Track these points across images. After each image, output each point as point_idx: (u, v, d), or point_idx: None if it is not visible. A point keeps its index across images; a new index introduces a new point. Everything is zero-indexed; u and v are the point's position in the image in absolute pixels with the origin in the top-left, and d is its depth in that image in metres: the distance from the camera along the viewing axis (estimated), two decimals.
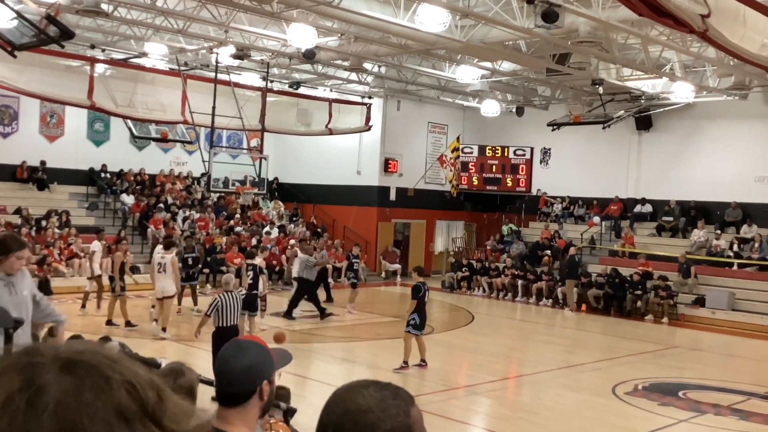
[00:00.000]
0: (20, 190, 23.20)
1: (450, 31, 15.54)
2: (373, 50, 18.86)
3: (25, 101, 22.82)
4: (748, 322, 19.28)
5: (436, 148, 27.94)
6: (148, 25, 17.50)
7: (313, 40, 16.74)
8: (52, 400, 0.85)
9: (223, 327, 9.70)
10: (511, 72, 20.92)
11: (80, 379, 0.87)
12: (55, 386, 0.86)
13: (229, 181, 20.58)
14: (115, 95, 19.33)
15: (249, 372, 2.45)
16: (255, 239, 24.35)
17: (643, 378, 12.72)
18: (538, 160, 27.83)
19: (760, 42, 10.18)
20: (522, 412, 10.54)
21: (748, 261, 20.98)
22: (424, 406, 7.40)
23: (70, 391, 0.86)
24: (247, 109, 20.45)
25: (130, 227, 23.48)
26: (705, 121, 23.41)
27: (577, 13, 13.82)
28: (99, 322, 14.89)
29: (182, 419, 0.94)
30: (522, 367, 14.17)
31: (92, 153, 25.08)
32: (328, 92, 25.26)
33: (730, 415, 10.60)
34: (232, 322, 9.83)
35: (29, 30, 11.89)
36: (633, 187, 25.35)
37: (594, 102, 23.76)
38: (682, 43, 15.81)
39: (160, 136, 22.47)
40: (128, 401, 0.88)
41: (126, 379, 0.90)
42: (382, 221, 26.90)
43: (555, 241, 24.58)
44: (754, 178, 22.43)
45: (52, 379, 0.86)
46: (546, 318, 20.51)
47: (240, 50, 18.71)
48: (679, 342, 17.44)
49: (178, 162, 27.39)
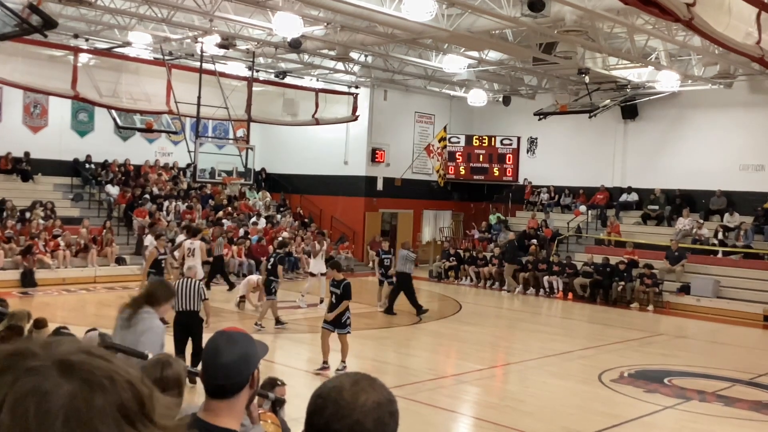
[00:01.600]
0: (4, 182, 22.99)
1: (436, 20, 15.50)
2: (360, 39, 18.79)
3: (7, 91, 22.59)
4: (732, 309, 19.45)
5: (423, 138, 27.93)
6: (131, 14, 17.35)
7: (299, 29, 16.63)
8: (61, 407, 0.83)
9: (180, 312, 10.21)
10: (498, 61, 20.92)
11: (85, 383, 0.86)
12: (61, 391, 0.84)
13: (215, 172, 20.48)
14: (99, 85, 19.14)
15: (242, 362, 2.45)
16: (242, 230, 24.31)
17: (629, 365, 12.82)
18: (525, 150, 27.90)
19: (744, 31, 10.21)
20: (509, 400, 10.59)
21: (732, 249, 21.15)
22: (412, 395, 7.46)
23: (78, 396, 0.84)
24: (232, 98, 20.32)
25: (115, 218, 23.35)
26: (690, 110, 23.54)
27: (563, 2, 13.81)
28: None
29: (168, 414, 0.93)
30: (509, 356, 14.24)
31: (77, 143, 24.88)
32: (315, 82, 25.16)
33: (716, 402, 10.70)
34: (189, 308, 10.26)
35: (11, 19, 11.76)
36: (619, 176, 25.47)
37: (580, 91, 23.81)
38: (667, 32, 15.86)
39: (145, 126, 22.30)
40: (131, 401, 0.88)
41: (126, 379, 0.89)
42: (369, 211, 26.89)
43: (542, 231, 24.68)
44: (738, 166, 22.60)
45: (55, 383, 0.84)
46: (532, 306, 20.61)
47: (225, 39, 18.57)
48: (664, 329, 17.57)
49: (163, 152, 27.23)
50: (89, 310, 16.55)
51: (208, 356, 2.48)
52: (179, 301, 10.15)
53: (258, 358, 2.52)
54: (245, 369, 2.45)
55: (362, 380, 1.59)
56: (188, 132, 23.16)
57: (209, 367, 2.46)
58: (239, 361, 2.44)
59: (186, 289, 10.28)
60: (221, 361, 2.42)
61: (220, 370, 2.42)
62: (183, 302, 10.21)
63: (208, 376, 2.46)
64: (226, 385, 2.43)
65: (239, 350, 2.46)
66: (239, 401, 2.47)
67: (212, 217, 24.68)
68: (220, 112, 20.16)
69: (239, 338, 2.52)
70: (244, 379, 2.45)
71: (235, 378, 2.43)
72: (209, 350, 2.49)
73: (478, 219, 27.95)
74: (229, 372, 2.42)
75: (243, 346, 2.48)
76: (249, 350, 2.49)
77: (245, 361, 2.45)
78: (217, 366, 2.43)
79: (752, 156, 22.39)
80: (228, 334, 2.57)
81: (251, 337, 2.57)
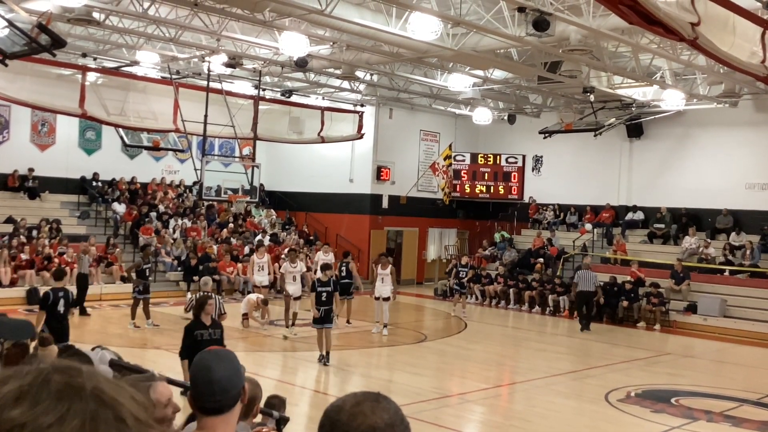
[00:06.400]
0: (11, 199, 23.10)
1: (442, 40, 15.59)
2: (365, 58, 18.89)
3: (16, 110, 22.75)
4: (739, 328, 19.33)
5: (428, 156, 27.97)
6: (139, 33, 17.49)
7: (305, 48, 16.75)
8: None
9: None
10: (503, 80, 20.99)
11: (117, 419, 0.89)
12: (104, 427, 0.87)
13: (221, 190, 20.55)
14: (106, 104, 19.29)
15: (234, 377, 2.50)
16: (247, 248, 24.33)
17: (636, 385, 12.74)
18: (530, 168, 27.90)
19: (749, 50, 10.25)
20: (515, 420, 10.53)
21: (739, 268, 21.06)
22: (417, 414, 7.45)
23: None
24: (239, 117, 20.44)
25: (121, 236, 23.40)
26: (695, 129, 23.54)
27: (568, 22, 13.88)
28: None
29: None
30: (515, 375, 14.17)
31: (84, 161, 25.00)
32: (320, 100, 25.28)
33: (723, 422, 10.61)
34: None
35: (21, 39, 11.87)
36: (624, 195, 25.43)
37: (585, 110, 23.85)
38: (672, 51, 15.90)
39: (151, 144, 22.44)
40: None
41: (140, 420, 0.93)
42: (374, 229, 26.89)
43: (547, 249, 24.63)
44: (744, 185, 22.54)
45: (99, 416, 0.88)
46: (538, 325, 20.53)
47: (232, 59, 18.70)
48: (671, 349, 17.47)
49: (169, 170, 27.33)
50: (94, 327, 16.55)
51: (200, 374, 2.50)
52: None
53: (243, 372, 2.59)
54: (238, 383, 2.51)
55: (366, 401, 1.53)
56: (195, 150, 23.26)
57: (203, 385, 2.47)
58: (231, 376, 2.49)
59: None
60: (215, 377, 2.45)
61: (216, 385, 2.45)
62: None
63: (202, 393, 2.47)
64: (222, 400, 2.46)
65: (229, 366, 2.52)
66: (233, 416, 2.51)
67: (218, 234, 24.72)
68: (226, 131, 20.27)
69: (225, 355, 2.60)
70: (238, 393, 2.50)
71: (231, 392, 2.47)
72: (200, 368, 2.51)
73: (483, 237, 27.91)
74: (224, 387, 2.46)
75: (231, 362, 2.55)
76: (237, 365, 2.56)
77: (236, 375, 2.51)
78: (211, 382, 2.45)
79: (758, 175, 22.34)
80: (214, 351, 2.64)
81: (234, 354, 2.65)
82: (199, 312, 8.97)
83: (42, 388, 0.88)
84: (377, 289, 16.75)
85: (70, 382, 0.89)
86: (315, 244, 25.92)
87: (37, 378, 0.89)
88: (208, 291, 11.00)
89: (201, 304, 9.05)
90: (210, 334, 8.76)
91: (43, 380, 0.89)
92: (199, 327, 8.84)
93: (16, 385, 0.88)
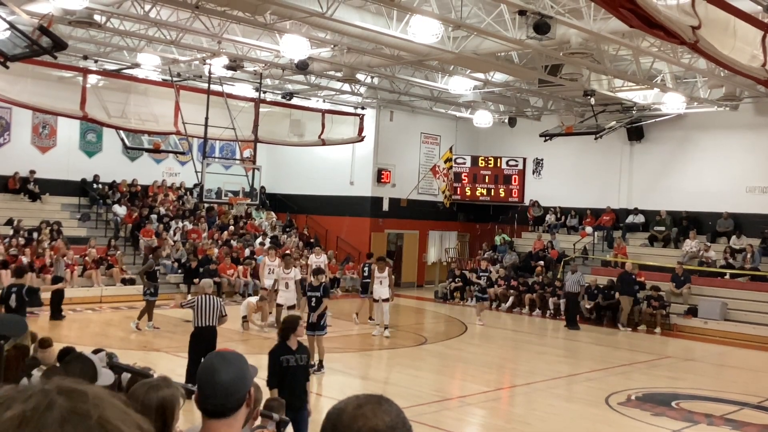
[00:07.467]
0: (12, 201, 23.11)
1: (442, 43, 15.60)
2: (366, 61, 18.91)
3: (17, 112, 22.77)
4: (740, 332, 19.32)
5: (428, 159, 27.99)
6: (140, 36, 17.51)
7: (306, 51, 16.77)
8: None
9: (200, 327, 10.50)
10: (504, 83, 21.00)
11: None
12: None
13: (222, 192, 20.54)
14: (107, 106, 19.29)
15: (239, 380, 2.47)
16: (248, 250, 24.34)
17: (637, 388, 12.72)
18: (531, 171, 27.91)
19: (750, 53, 10.25)
20: (515, 423, 10.52)
21: (740, 271, 21.05)
22: (418, 417, 7.46)
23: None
24: (240, 119, 20.44)
25: (122, 238, 23.41)
26: (696, 132, 23.54)
27: (568, 25, 13.89)
28: None
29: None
30: (515, 378, 14.15)
31: (84, 164, 25.02)
32: (321, 103, 25.29)
33: (723, 425, 10.60)
34: (208, 323, 10.54)
35: (22, 41, 11.87)
36: (625, 198, 25.43)
37: (586, 113, 23.86)
38: (673, 55, 15.91)
39: (152, 146, 22.42)
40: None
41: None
42: (375, 232, 26.89)
43: (548, 252, 24.62)
44: (745, 188, 22.54)
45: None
46: (539, 328, 20.51)
47: (233, 61, 18.73)
48: (671, 352, 17.45)
49: (170, 173, 27.34)
50: (95, 329, 16.55)
51: (205, 376, 2.48)
52: (199, 317, 10.52)
53: (252, 377, 2.56)
54: (242, 387, 2.48)
55: (368, 404, 1.53)
56: (195, 152, 23.25)
57: (207, 387, 2.46)
58: (236, 379, 2.46)
59: (205, 305, 10.59)
60: (219, 379, 2.44)
61: (219, 388, 2.44)
62: (203, 318, 10.54)
63: (206, 395, 2.46)
64: (225, 403, 2.44)
65: (235, 369, 2.49)
66: (237, 420, 2.49)
67: (218, 237, 24.72)
68: (227, 133, 20.26)
69: (233, 358, 2.56)
70: (242, 397, 2.48)
71: (234, 396, 2.45)
72: (206, 370, 2.50)
73: (484, 240, 27.92)
74: (228, 390, 2.44)
75: (238, 365, 2.52)
76: (244, 369, 2.53)
77: (242, 379, 2.48)
78: (215, 385, 2.44)
79: (759, 178, 22.34)
80: (222, 354, 2.60)
81: (244, 357, 2.61)
82: (288, 335, 7.54)
83: (45, 414, 0.85)
84: (375, 291, 16.80)
85: (75, 409, 0.87)
86: (315, 247, 25.90)
87: (42, 402, 0.87)
88: (207, 292, 10.93)
89: (292, 326, 7.64)
90: (296, 359, 7.47)
91: (48, 405, 0.86)
92: (285, 352, 7.46)
93: (19, 410, 0.85)
